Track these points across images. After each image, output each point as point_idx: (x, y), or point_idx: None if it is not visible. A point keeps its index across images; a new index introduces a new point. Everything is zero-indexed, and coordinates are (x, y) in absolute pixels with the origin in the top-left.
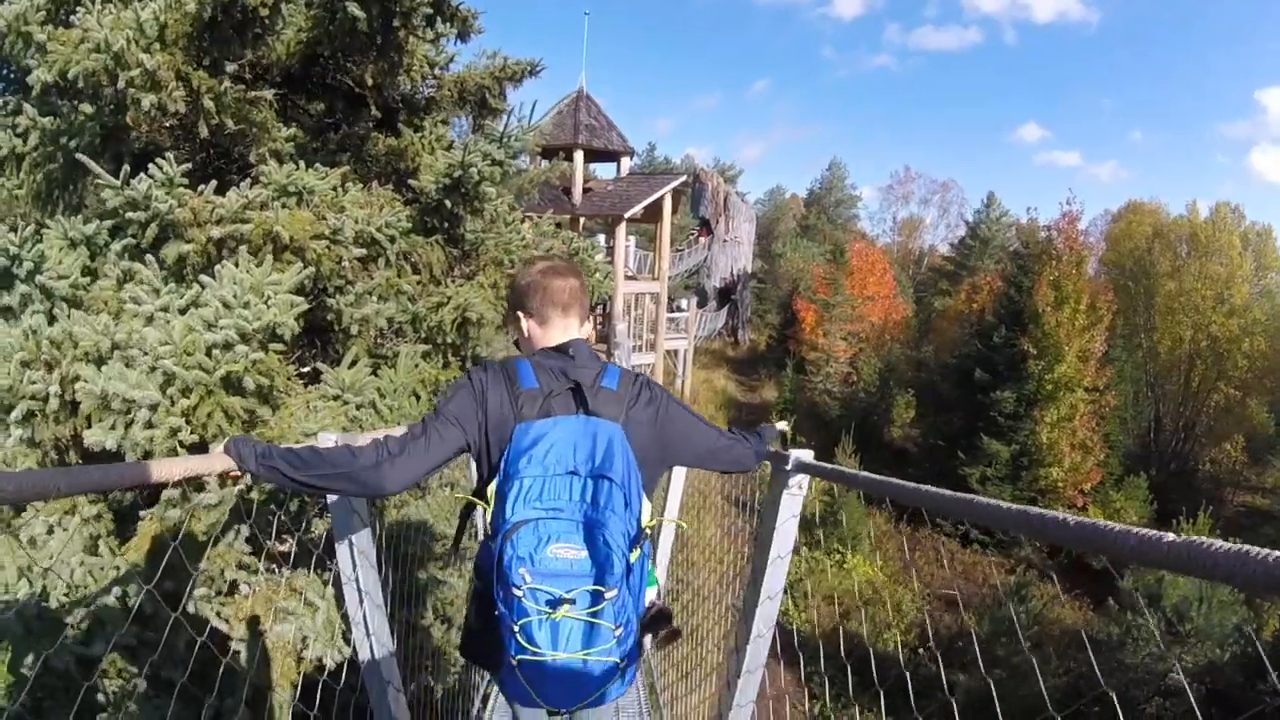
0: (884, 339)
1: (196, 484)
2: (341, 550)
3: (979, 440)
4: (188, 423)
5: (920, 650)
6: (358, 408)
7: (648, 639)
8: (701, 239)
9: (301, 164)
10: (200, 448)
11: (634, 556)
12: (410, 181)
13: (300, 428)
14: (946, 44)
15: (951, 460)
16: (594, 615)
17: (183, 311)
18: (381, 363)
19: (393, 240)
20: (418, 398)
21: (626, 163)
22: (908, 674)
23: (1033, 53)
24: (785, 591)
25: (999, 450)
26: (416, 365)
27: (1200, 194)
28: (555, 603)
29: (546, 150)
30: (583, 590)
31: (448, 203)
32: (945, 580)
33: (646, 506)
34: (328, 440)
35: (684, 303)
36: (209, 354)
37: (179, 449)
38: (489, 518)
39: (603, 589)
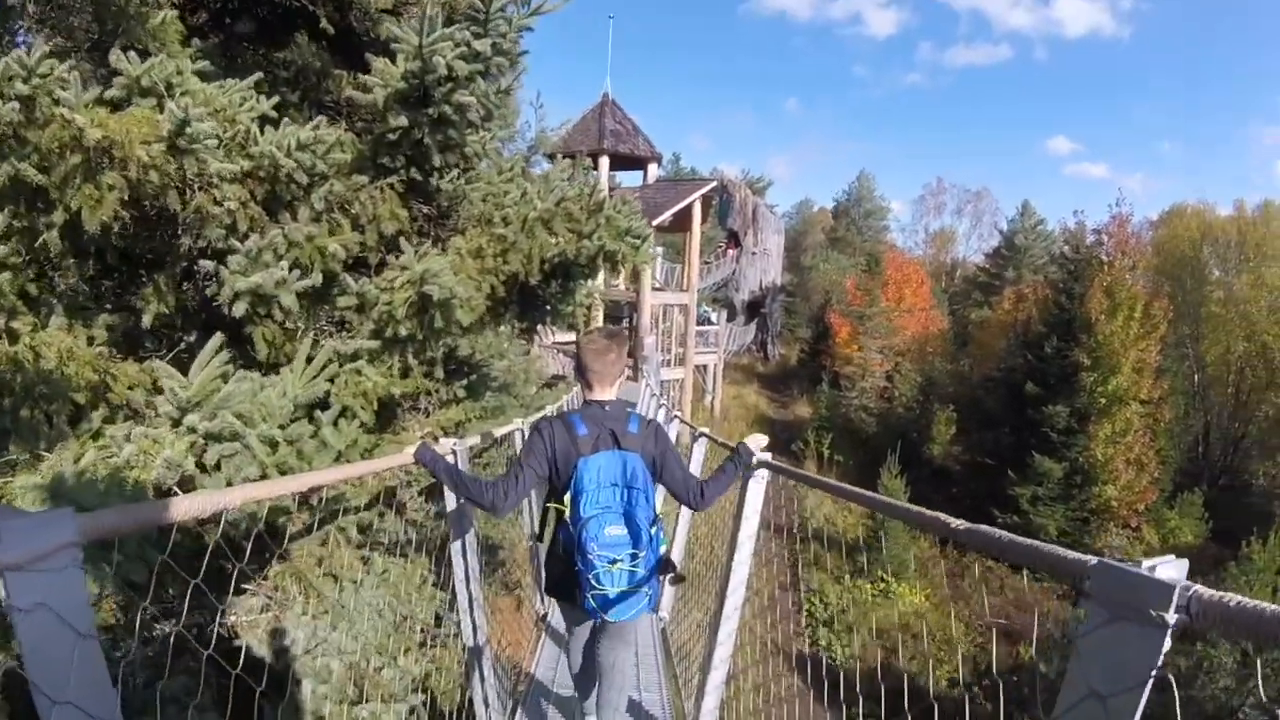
0: (924, 352)
1: None
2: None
3: (1029, 458)
4: None
5: (975, 688)
6: (207, 439)
7: (664, 578)
8: (729, 252)
9: (187, 64)
10: None
11: (653, 530)
12: (352, 94)
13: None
14: (977, 60)
15: (999, 479)
16: (634, 566)
17: None
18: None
19: (321, 179)
20: (350, 417)
21: (653, 170)
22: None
23: (1063, 67)
24: (826, 625)
25: (1051, 468)
26: (331, 366)
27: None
28: (611, 561)
29: (568, 155)
30: (626, 554)
31: (405, 120)
32: (996, 608)
33: (656, 501)
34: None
35: (713, 315)
36: None
37: None
38: (567, 514)
39: (637, 551)
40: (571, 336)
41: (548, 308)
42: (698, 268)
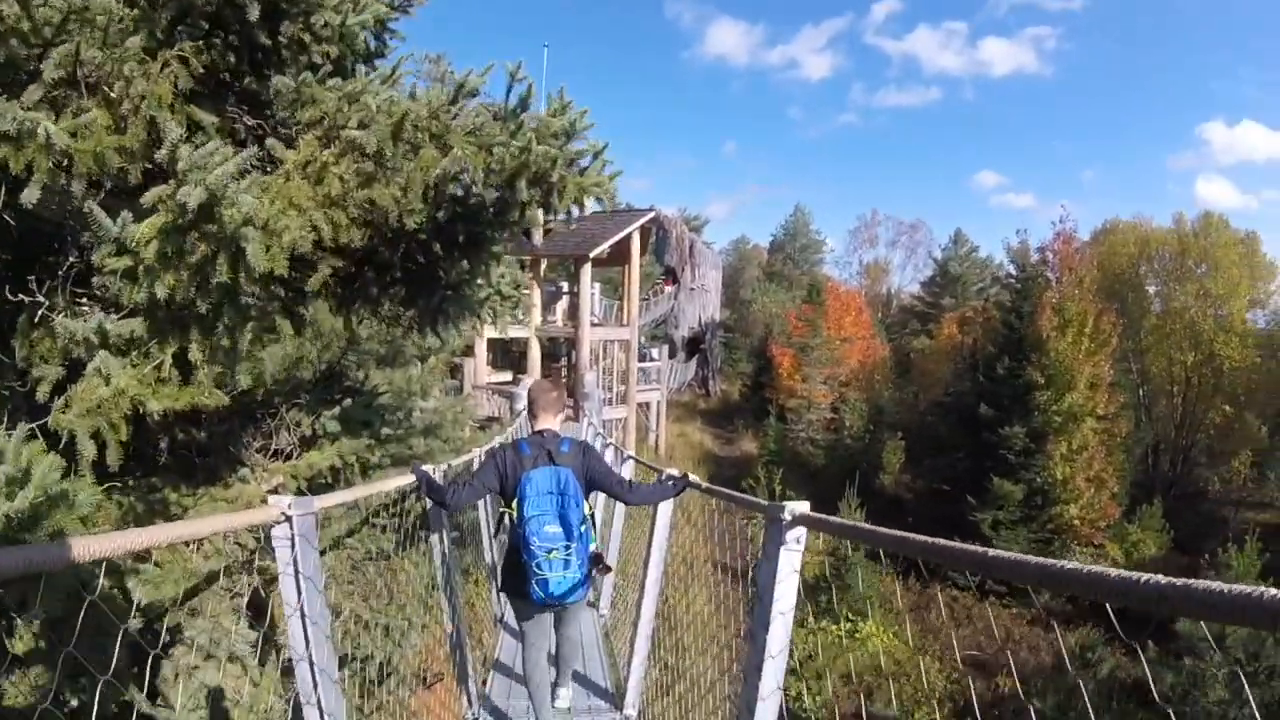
0: (871, 380)
1: None
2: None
3: (988, 481)
4: None
5: None
6: None
7: (595, 571)
8: (667, 288)
9: None
10: None
11: (582, 529)
12: None
13: None
14: (908, 101)
15: (956, 506)
16: (567, 556)
17: None
18: None
19: (60, 38)
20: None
21: (589, 201)
22: None
23: (989, 105)
24: (794, 673)
25: (1010, 491)
26: None
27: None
28: (549, 551)
29: None
30: (560, 545)
31: None
32: (967, 640)
33: (585, 505)
34: None
35: (655, 351)
36: None
37: None
38: (515, 516)
39: (570, 544)
40: (508, 376)
41: (448, 290)
42: (638, 301)
